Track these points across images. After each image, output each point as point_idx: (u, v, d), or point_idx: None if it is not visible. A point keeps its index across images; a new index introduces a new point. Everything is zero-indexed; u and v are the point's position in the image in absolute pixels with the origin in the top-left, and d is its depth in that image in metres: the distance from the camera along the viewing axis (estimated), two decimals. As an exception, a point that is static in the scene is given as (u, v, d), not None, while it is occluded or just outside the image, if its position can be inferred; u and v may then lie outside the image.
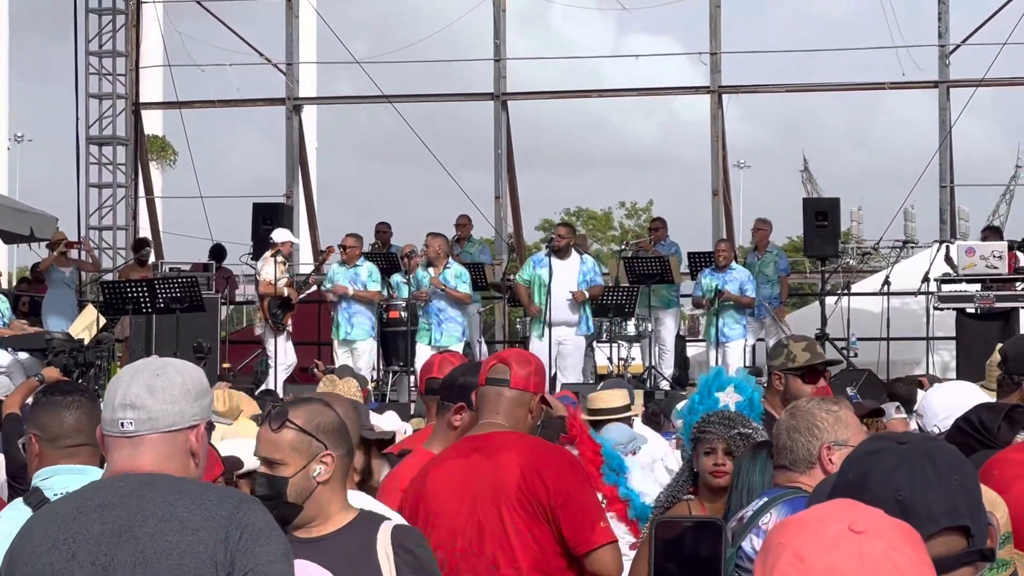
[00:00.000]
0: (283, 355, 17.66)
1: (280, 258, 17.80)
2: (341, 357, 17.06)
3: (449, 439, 5.57)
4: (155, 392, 3.50)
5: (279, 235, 18.19)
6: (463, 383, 5.65)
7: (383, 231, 20.61)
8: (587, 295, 16.45)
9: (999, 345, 7.90)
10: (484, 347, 19.61)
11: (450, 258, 17.27)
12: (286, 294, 17.63)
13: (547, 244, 17.01)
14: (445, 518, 5.12)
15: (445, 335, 16.77)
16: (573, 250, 16.74)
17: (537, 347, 15.92)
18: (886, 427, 8.44)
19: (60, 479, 4.51)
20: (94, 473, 4.51)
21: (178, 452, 3.51)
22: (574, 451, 6.37)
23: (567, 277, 16.40)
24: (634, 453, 8.14)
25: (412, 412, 12.63)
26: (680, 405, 6.08)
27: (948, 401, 6.46)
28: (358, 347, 17.20)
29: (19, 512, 4.41)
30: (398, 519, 4.45)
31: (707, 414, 5.78)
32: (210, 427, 3.66)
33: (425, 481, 5.23)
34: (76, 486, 4.35)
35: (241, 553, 3.32)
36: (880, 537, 2.10)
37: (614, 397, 9.36)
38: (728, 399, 5.87)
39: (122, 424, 3.49)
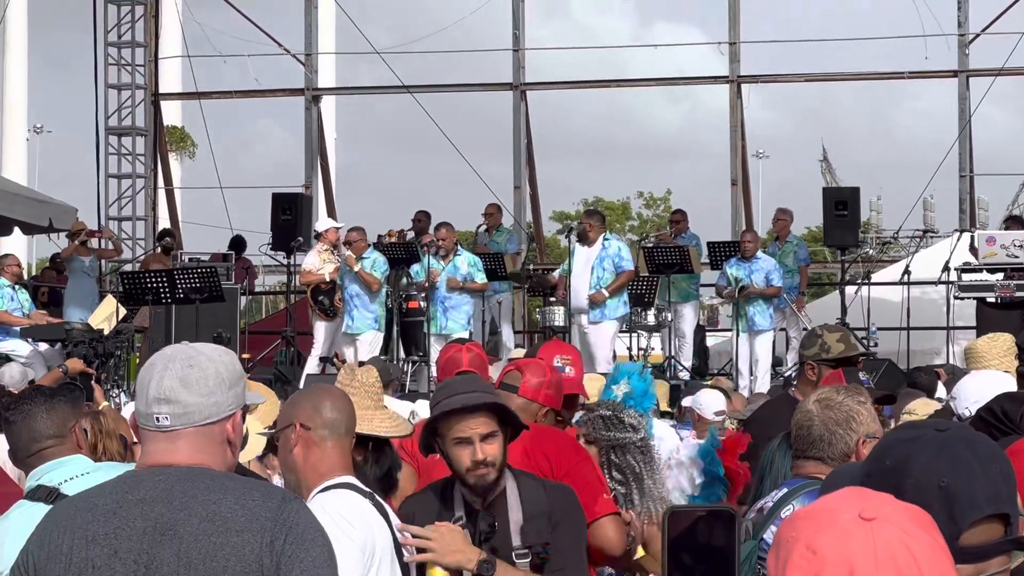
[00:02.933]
0: (320, 345, 17.78)
1: (325, 246, 17.98)
2: (346, 351, 17.09)
3: None
4: (189, 385, 3.39)
5: (320, 224, 18.57)
6: None
7: (420, 219, 20.43)
8: (606, 294, 16.20)
9: (1003, 334, 7.87)
10: (511, 334, 19.55)
11: (459, 246, 17.32)
12: (328, 279, 17.81)
13: (574, 233, 16.89)
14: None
15: (451, 321, 16.85)
16: (601, 237, 16.56)
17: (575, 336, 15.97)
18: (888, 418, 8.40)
19: (51, 475, 4.66)
20: (79, 461, 4.71)
21: (215, 443, 3.42)
22: None
23: (586, 265, 16.35)
24: None
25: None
26: None
27: (982, 388, 6.59)
28: (360, 339, 17.24)
29: (29, 509, 4.50)
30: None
31: None
32: (245, 411, 3.56)
33: (433, 461, 5.31)
34: (67, 476, 4.60)
35: (287, 558, 3.26)
36: (892, 523, 2.07)
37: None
38: (619, 391, 5.98)
39: (157, 419, 3.39)
